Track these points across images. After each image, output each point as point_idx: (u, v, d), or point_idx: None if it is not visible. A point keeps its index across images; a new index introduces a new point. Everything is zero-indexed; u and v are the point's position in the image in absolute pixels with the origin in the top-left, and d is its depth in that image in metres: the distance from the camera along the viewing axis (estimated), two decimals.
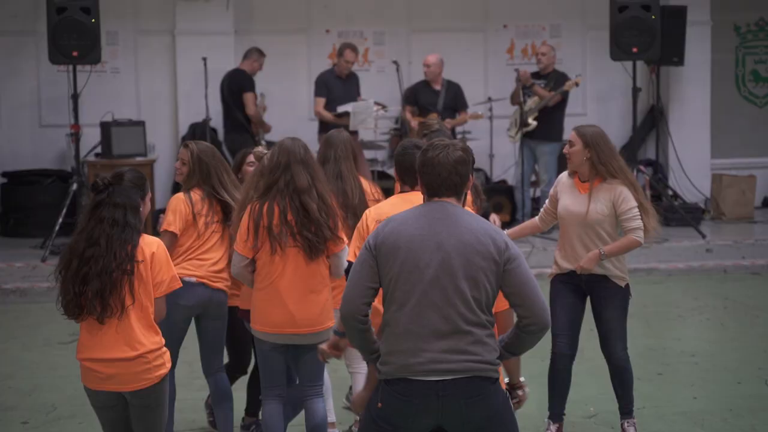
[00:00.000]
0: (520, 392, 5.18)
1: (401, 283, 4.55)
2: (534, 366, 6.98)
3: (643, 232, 6.55)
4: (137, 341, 5.02)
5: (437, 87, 13.39)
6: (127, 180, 5.16)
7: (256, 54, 13.35)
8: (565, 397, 6.82)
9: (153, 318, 5.10)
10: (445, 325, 4.49)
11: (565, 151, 6.70)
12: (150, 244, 5.10)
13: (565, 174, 6.82)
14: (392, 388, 4.54)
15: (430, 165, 4.68)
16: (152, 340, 5.07)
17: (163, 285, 5.12)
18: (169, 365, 5.16)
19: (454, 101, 13.36)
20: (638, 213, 6.52)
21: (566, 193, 6.71)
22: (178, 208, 6.47)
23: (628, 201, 6.53)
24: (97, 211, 5.08)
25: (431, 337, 4.49)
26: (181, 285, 5.25)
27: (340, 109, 12.90)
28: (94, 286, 4.96)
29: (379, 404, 4.58)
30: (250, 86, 13.20)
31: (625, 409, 6.83)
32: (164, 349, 5.13)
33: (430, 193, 4.70)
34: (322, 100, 13.17)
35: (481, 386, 4.52)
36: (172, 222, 6.44)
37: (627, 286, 6.72)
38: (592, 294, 6.70)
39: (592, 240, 6.57)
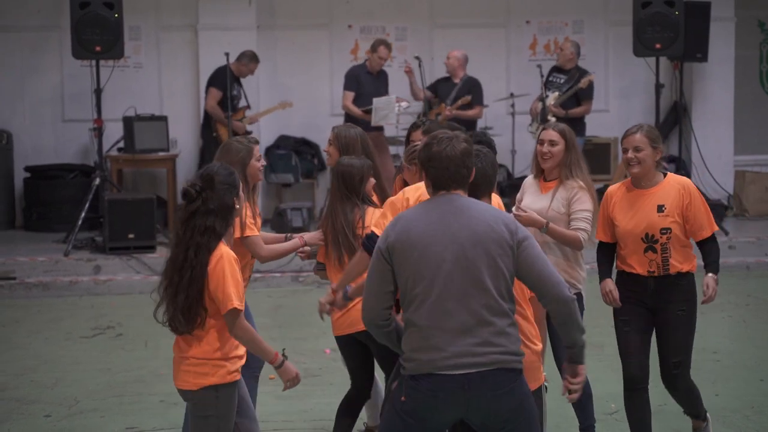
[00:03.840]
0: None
1: (419, 281, 4.54)
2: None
3: (587, 234, 6.35)
4: (188, 344, 4.94)
5: (456, 81, 13.41)
6: (218, 182, 4.90)
7: (246, 59, 13.30)
8: None
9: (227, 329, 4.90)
10: (467, 317, 4.49)
11: (545, 149, 6.58)
12: (214, 255, 4.87)
13: (530, 177, 6.75)
14: (417, 383, 4.53)
15: (437, 159, 4.64)
16: (205, 348, 4.91)
17: (226, 301, 4.84)
18: (220, 380, 4.91)
19: (467, 96, 13.34)
20: (590, 216, 6.36)
21: (528, 193, 6.64)
22: None
23: (583, 203, 6.38)
24: (192, 220, 4.88)
25: (454, 331, 4.49)
26: (237, 308, 4.82)
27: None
28: (180, 300, 4.86)
29: (403, 398, 4.57)
30: (217, 83, 13.16)
31: (582, 426, 6.59)
32: (218, 363, 4.91)
33: (437, 187, 4.67)
34: (351, 94, 13.17)
35: (507, 378, 4.52)
36: None
37: (579, 295, 6.42)
38: None
39: (542, 237, 6.37)
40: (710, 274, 6.14)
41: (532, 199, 6.58)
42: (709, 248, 6.19)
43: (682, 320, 6.14)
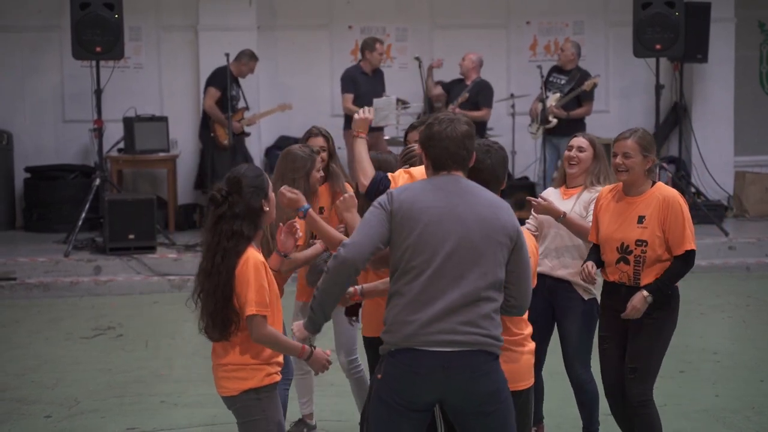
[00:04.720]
0: None
1: (417, 255, 4.53)
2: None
3: None
4: (224, 350, 4.88)
5: (468, 83, 13.47)
6: (245, 186, 4.81)
7: (245, 58, 13.30)
8: (540, 402, 6.67)
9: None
10: (457, 297, 4.50)
11: (573, 154, 6.52)
12: (241, 260, 4.79)
13: (551, 188, 6.76)
14: (396, 359, 4.53)
15: (437, 139, 4.65)
16: (241, 354, 4.83)
17: (245, 306, 4.76)
18: (259, 383, 4.83)
19: (476, 97, 13.38)
20: None
21: (550, 200, 6.61)
22: None
23: None
24: (219, 225, 4.80)
25: (442, 309, 4.49)
26: (256, 314, 4.73)
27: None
28: (210, 306, 4.80)
29: (379, 375, 4.59)
30: (215, 82, 13.19)
31: (586, 431, 6.63)
32: (256, 366, 4.84)
33: (437, 167, 4.67)
34: (350, 96, 13.19)
35: (486, 361, 4.53)
36: None
37: (592, 301, 6.43)
38: (555, 302, 6.39)
39: (562, 239, 6.42)
40: (642, 292, 5.78)
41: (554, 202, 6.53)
42: (671, 266, 5.82)
43: (648, 327, 5.85)
